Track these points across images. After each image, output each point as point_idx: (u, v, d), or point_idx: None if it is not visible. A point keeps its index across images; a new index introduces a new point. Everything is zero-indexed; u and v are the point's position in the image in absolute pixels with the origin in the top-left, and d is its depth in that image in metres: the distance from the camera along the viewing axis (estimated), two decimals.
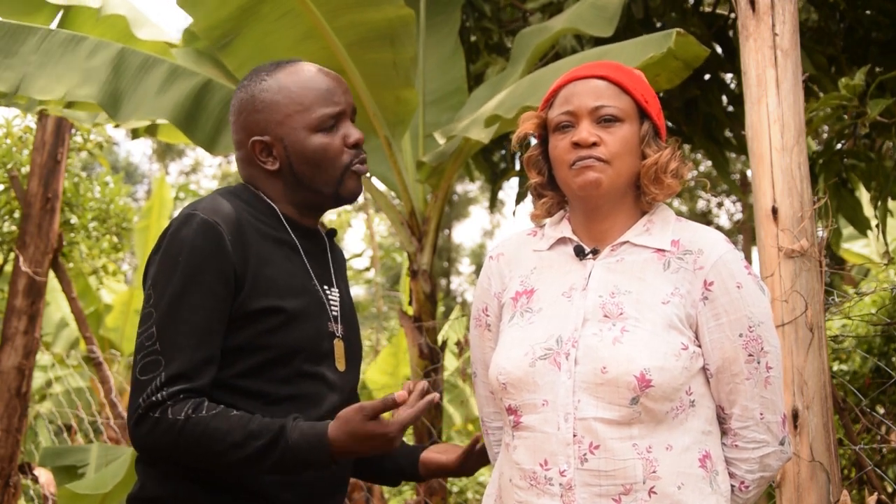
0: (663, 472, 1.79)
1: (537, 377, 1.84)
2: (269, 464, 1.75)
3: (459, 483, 9.09)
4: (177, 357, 1.76)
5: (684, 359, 1.82)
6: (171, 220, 1.87)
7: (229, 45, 4.16)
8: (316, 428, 1.77)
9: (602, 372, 1.79)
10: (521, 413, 1.86)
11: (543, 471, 1.81)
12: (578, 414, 1.80)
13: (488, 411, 2.09)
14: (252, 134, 1.94)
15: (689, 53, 3.50)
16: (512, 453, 1.88)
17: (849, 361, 4.86)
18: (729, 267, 1.88)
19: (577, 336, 1.84)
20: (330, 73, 1.98)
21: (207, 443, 1.73)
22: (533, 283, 1.96)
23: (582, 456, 1.78)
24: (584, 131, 1.88)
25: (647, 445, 1.79)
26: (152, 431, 1.75)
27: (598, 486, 1.78)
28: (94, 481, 4.38)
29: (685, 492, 1.80)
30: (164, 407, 1.74)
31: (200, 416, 1.73)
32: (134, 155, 37.10)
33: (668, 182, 1.92)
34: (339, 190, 1.95)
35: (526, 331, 1.90)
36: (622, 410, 1.79)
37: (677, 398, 1.82)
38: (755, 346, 1.87)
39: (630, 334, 1.82)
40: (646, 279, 1.88)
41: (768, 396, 1.89)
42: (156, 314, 1.79)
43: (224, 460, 1.75)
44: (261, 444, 1.74)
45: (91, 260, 6.78)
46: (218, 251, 1.81)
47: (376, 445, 1.77)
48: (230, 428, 1.74)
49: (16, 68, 3.92)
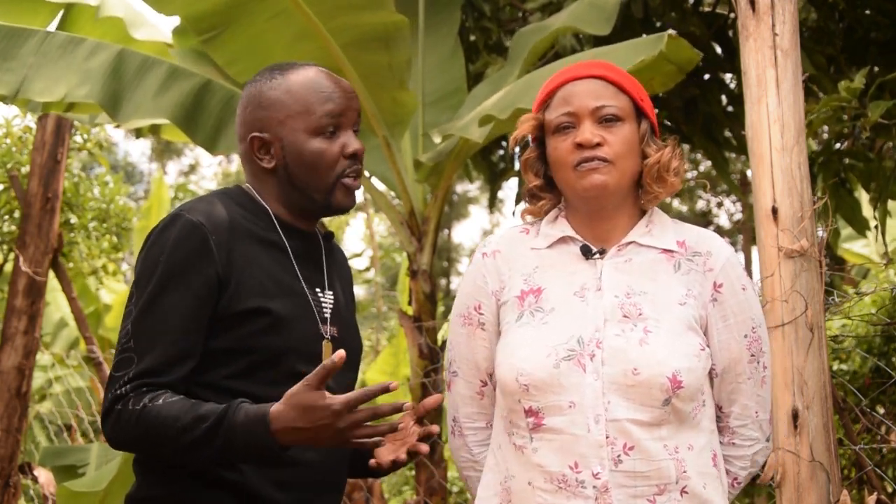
0: (691, 472, 1.81)
1: (562, 378, 1.82)
2: (216, 446, 1.71)
3: (460, 483, 9.08)
4: (148, 354, 1.77)
5: (703, 359, 1.85)
6: (159, 221, 1.88)
7: (217, 39, 4.16)
8: (260, 406, 1.72)
9: (633, 373, 1.79)
10: (544, 415, 1.83)
11: (574, 473, 1.79)
12: (609, 416, 1.79)
13: (469, 412, 2.04)
14: (253, 129, 1.94)
15: (682, 57, 3.50)
16: (532, 456, 1.84)
17: (849, 361, 4.85)
18: (735, 269, 1.93)
19: (599, 337, 1.83)
20: (341, 81, 1.98)
21: (162, 429, 1.73)
22: (539, 282, 1.94)
23: (616, 458, 1.78)
24: (588, 132, 1.87)
25: (675, 446, 1.81)
26: (116, 424, 1.77)
27: (633, 488, 1.78)
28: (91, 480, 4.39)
29: (709, 490, 1.83)
30: (125, 399, 1.76)
31: (156, 404, 1.74)
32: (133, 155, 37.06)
33: (671, 181, 1.92)
34: (330, 199, 1.95)
35: (540, 331, 1.88)
36: (654, 412, 1.79)
37: (699, 398, 1.85)
38: (756, 346, 1.91)
39: (654, 335, 1.82)
40: (658, 280, 1.89)
41: (763, 395, 1.94)
42: (134, 312, 1.81)
43: (176, 445, 1.73)
44: (206, 425, 1.71)
45: (91, 260, 6.77)
46: (201, 252, 1.81)
47: (319, 419, 1.67)
48: (180, 412, 1.73)
49: (16, 71, 3.93)
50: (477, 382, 2.02)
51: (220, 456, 1.74)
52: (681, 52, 3.45)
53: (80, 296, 8.47)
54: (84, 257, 6.66)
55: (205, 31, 4.15)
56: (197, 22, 4.13)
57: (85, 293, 9.01)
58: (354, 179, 1.96)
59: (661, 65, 3.45)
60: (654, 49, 3.32)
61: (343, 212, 1.99)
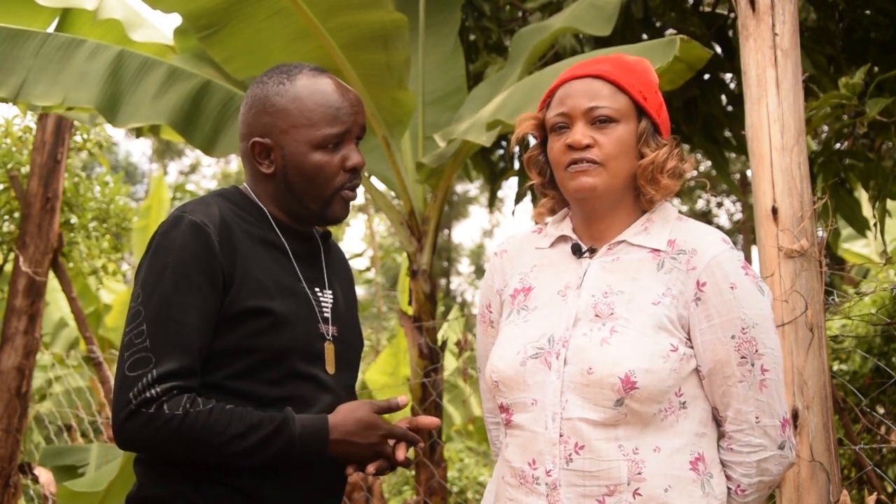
0: (649, 474, 1.78)
1: (527, 376, 1.85)
2: (270, 454, 1.79)
3: (459, 483, 9.09)
4: (167, 355, 1.78)
5: (673, 361, 1.81)
6: (161, 223, 1.90)
7: (215, 36, 4.16)
8: (318, 418, 1.84)
9: (588, 373, 1.80)
10: (513, 412, 1.88)
11: (531, 470, 1.82)
12: (565, 414, 1.80)
13: (490, 406, 2.10)
14: (255, 133, 1.95)
15: (693, 56, 3.50)
16: (504, 451, 1.90)
17: (849, 361, 4.85)
18: (723, 267, 1.85)
19: (567, 336, 1.84)
20: (348, 92, 1.98)
21: (207, 436, 1.76)
22: (531, 281, 1.97)
23: (567, 456, 1.79)
24: (578, 133, 1.87)
25: (634, 447, 1.79)
26: (147, 426, 1.76)
27: (582, 487, 1.78)
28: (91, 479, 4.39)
29: (672, 494, 1.79)
30: (159, 403, 1.76)
31: (198, 409, 1.77)
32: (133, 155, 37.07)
33: (664, 182, 1.89)
34: (325, 210, 1.97)
35: (521, 329, 1.91)
36: (607, 412, 1.79)
37: (665, 400, 1.81)
38: (748, 348, 1.83)
39: (618, 335, 1.81)
40: (639, 279, 1.87)
41: (764, 399, 1.85)
42: (145, 312, 1.81)
43: (224, 451, 1.78)
44: (262, 434, 1.78)
45: (91, 260, 6.77)
46: (206, 252, 1.83)
47: (371, 438, 1.86)
48: (230, 420, 1.78)
49: (16, 73, 3.92)
50: None
51: (272, 460, 1.81)
52: (692, 52, 3.45)
53: (80, 296, 8.48)
54: (84, 257, 6.66)
55: (203, 29, 4.15)
56: (195, 19, 4.13)
57: (85, 293, 9.02)
58: (352, 191, 1.98)
59: (672, 63, 3.43)
60: (668, 55, 3.30)
61: (336, 223, 2.02)
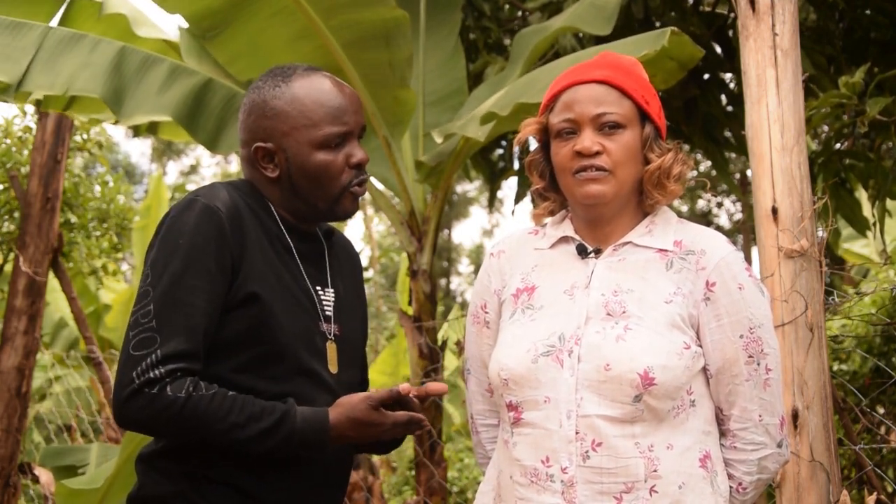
0: (664, 471, 1.79)
1: (539, 374, 1.85)
2: (270, 445, 1.79)
3: (459, 483, 9.09)
4: (174, 336, 1.77)
5: (686, 358, 1.83)
6: (173, 206, 1.89)
7: (218, 37, 4.16)
8: (317, 412, 1.83)
9: (605, 369, 1.80)
10: (523, 409, 1.87)
11: (545, 468, 1.82)
12: (581, 411, 1.80)
13: (480, 409, 2.10)
14: (257, 138, 1.95)
15: (684, 54, 3.49)
16: (512, 450, 1.88)
17: (849, 361, 4.86)
18: (731, 268, 1.89)
19: (579, 334, 1.85)
20: (345, 89, 1.99)
21: (209, 421, 1.76)
22: (534, 281, 1.97)
23: (584, 453, 1.79)
24: (587, 140, 1.88)
25: (650, 444, 1.80)
26: (148, 406, 1.75)
27: (599, 484, 1.78)
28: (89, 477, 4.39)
29: (685, 491, 1.81)
30: (162, 384, 1.75)
31: (201, 394, 1.77)
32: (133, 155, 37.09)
33: (671, 187, 1.92)
34: (335, 207, 1.97)
35: (528, 328, 1.91)
36: (625, 408, 1.79)
37: (679, 397, 1.83)
38: (755, 347, 1.87)
39: (633, 332, 1.82)
40: (648, 278, 1.89)
41: (767, 398, 1.90)
42: (153, 293, 1.80)
43: (224, 437, 1.78)
44: (264, 426, 1.78)
45: (91, 260, 6.77)
46: (218, 236, 1.83)
47: (372, 434, 1.86)
48: (231, 408, 1.77)
49: (18, 61, 3.92)
50: (485, 380, 2.05)
51: (270, 451, 1.81)
52: (683, 49, 3.43)
53: (80, 296, 8.48)
54: (84, 257, 6.66)
55: (206, 30, 4.15)
56: (198, 20, 4.13)
57: (85, 293, 9.02)
58: (361, 187, 1.98)
59: (663, 62, 3.44)
60: (656, 44, 3.30)
61: (347, 218, 2.02)
